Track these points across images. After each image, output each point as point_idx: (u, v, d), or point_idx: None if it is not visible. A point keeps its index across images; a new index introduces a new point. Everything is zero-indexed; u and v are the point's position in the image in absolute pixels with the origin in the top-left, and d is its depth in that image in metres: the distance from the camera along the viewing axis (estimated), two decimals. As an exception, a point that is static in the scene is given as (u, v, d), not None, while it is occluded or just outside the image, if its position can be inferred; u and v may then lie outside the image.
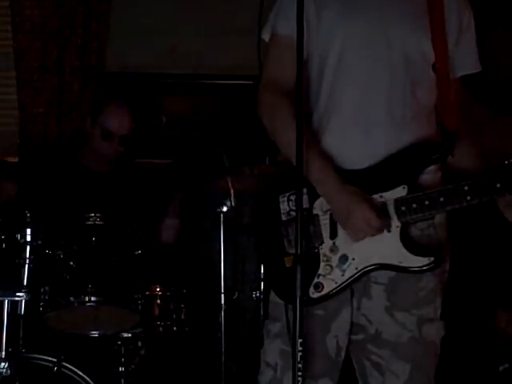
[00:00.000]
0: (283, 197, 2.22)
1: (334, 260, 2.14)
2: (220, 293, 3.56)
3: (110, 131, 3.65)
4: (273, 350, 2.21)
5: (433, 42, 2.17)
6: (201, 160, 4.04)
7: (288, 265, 2.18)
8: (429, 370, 2.19)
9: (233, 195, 3.54)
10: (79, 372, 2.99)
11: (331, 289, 2.14)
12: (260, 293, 3.76)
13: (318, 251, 2.16)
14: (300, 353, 1.95)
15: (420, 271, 2.10)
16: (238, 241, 4.20)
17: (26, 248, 2.98)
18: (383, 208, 2.11)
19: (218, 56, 4.33)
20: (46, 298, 3.12)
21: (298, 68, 2.05)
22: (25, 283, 2.97)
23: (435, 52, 2.18)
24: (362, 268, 2.12)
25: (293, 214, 2.17)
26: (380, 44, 2.17)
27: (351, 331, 2.20)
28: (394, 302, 2.16)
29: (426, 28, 2.17)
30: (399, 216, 2.10)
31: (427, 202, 2.07)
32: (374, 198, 2.12)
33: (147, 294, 3.36)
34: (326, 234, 2.16)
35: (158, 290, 3.43)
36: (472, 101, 4.25)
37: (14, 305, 2.94)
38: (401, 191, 2.11)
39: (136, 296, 3.21)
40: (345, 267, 2.13)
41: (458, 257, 2.34)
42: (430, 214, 2.10)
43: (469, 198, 2.04)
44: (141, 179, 3.80)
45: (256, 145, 3.93)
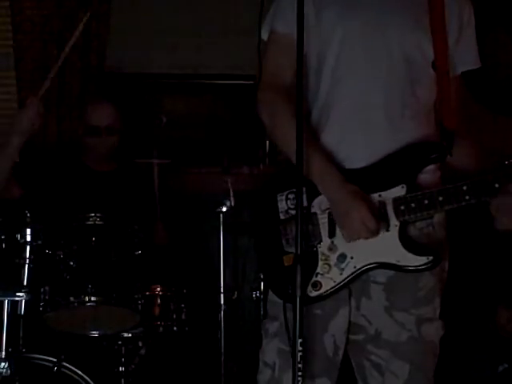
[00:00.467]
0: (281, 195, 2.21)
1: (333, 259, 2.14)
2: (220, 293, 3.56)
3: (93, 125, 3.68)
4: (271, 350, 2.21)
5: (433, 41, 2.17)
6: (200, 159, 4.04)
7: (286, 263, 2.17)
8: (428, 370, 2.19)
9: (232, 195, 3.54)
10: (79, 372, 3.00)
11: (329, 287, 2.14)
12: (260, 293, 3.77)
13: (317, 250, 2.15)
14: (300, 353, 1.94)
15: (418, 270, 2.09)
16: (238, 241, 4.20)
17: (26, 248, 2.99)
18: (382, 208, 2.11)
19: (217, 56, 4.34)
20: (46, 297, 3.13)
21: (297, 68, 2.04)
22: (25, 283, 2.98)
23: (435, 50, 2.17)
24: (361, 267, 2.12)
25: (291, 212, 2.17)
26: (379, 44, 2.16)
27: (349, 331, 2.20)
28: (393, 301, 2.16)
29: (426, 26, 2.17)
30: (398, 215, 2.09)
31: (426, 202, 2.07)
32: (372, 198, 2.11)
33: (147, 294, 3.36)
34: (324, 232, 2.15)
35: (159, 290, 3.43)
36: (472, 100, 4.26)
37: (14, 305, 2.94)
38: (400, 190, 2.10)
39: (136, 296, 3.21)
40: (343, 266, 2.13)
41: (457, 256, 2.33)
42: (428, 214, 2.09)
43: (467, 198, 2.04)
44: (141, 179, 3.80)
45: (256, 145, 3.93)
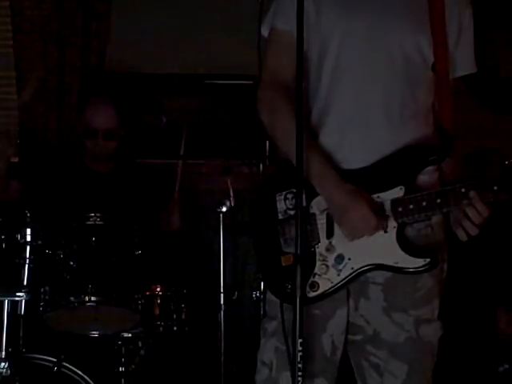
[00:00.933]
0: (280, 195, 2.21)
1: (330, 259, 2.14)
2: (220, 293, 3.56)
3: (93, 128, 3.66)
4: (268, 349, 2.21)
5: (433, 43, 2.17)
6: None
7: (284, 263, 2.17)
8: (426, 371, 2.19)
9: (232, 195, 3.54)
10: (79, 372, 3.01)
11: (327, 288, 2.14)
12: (260, 293, 3.77)
13: (315, 250, 2.15)
14: (300, 353, 1.95)
15: (416, 272, 2.09)
16: (238, 241, 4.20)
17: (26, 248, 2.99)
18: (381, 207, 2.11)
19: (218, 56, 4.34)
20: (46, 297, 3.13)
21: (297, 68, 2.04)
22: (25, 283, 2.98)
23: (435, 52, 2.17)
24: (358, 268, 2.12)
25: (289, 212, 2.17)
26: (379, 45, 2.16)
27: (348, 331, 2.20)
28: (392, 302, 2.16)
29: (427, 28, 2.17)
30: (396, 217, 2.09)
31: (424, 203, 2.07)
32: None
33: (147, 293, 3.36)
34: (322, 233, 2.15)
35: (159, 289, 3.43)
36: (472, 101, 4.26)
37: (14, 305, 2.95)
38: (398, 192, 2.10)
39: (136, 296, 3.22)
40: (341, 267, 2.13)
41: (457, 257, 2.34)
42: (426, 216, 2.09)
43: (466, 202, 2.04)
44: (142, 179, 3.80)
45: (256, 145, 3.93)
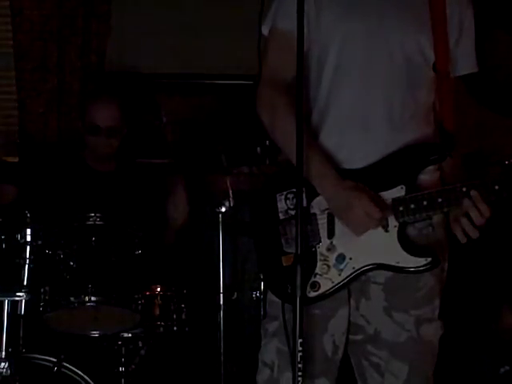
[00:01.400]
0: (281, 195, 2.21)
1: (331, 259, 2.14)
2: (219, 293, 3.56)
3: (94, 124, 3.66)
4: (270, 349, 2.21)
5: (434, 42, 2.17)
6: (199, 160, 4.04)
7: (285, 264, 2.17)
8: (427, 371, 2.19)
9: (231, 195, 3.54)
10: (79, 372, 3.00)
11: (328, 288, 2.14)
12: (260, 293, 3.77)
13: (316, 250, 2.16)
14: (300, 353, 1.94)
15: (417, 272, 2.09)
16: (238, 241, 4.20)
17: (26, 248, 2.99)
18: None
19: (218, 56, 4.33)
20: (46, 298, 3.13)
21: (297, 67, 2.04)
22: (25, 283, 2.98)
23: (436, 52, 2.17)
24: (359, 268, 2.12)
25: (290, 212, 2.17)
26: (379, 45, 2.16)
27: (349, 331, 2.20)
28: (392, 302, 2.16)
29: (427, 28, 2.17)
30: (397, 216, 2.09)
31: (425, 203, 2.07)
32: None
33: (147, 293, 3.36)
34: (323, 233, 2.15)
35: (159, 290, 3.42)
36: (472, 101, 4.26)
37: (14, 305, 2.95)
38: (399, 191, 2.10)
39: (136, 296, 3.21)
40: (342, 267, 2.13)
41: (459, 256, 2.33)
42: (427, 215, 2.09)
43: (467, 202, 2.04)
44: (143, 179, 3.80)
45: (256, 145, 3.93)
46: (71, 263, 3.13)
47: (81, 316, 3.18)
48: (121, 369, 3.35)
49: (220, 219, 3.60)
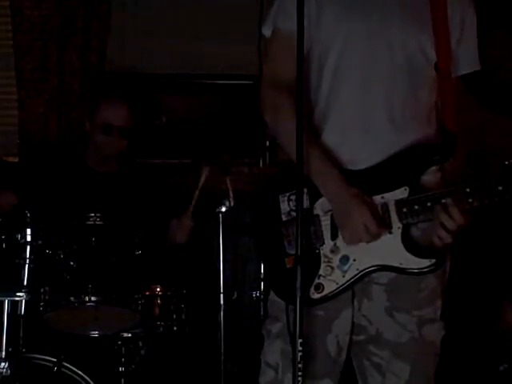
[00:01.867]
0: (283, 196, 2.21)
1: (335, 261, 2.14)
2: (220, 293, 3.56)
3: (108, 123, 3.65)
4: (273, 351, 2.21)
5: (435, 42, 2.16)
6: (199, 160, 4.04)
7: (289, 265, 2.17)
8: (429, 371, 2.19)
9: (232, 195, 3.53)
10: (79, 372, 3.00)
11: (332, 290, 2.14)
12: (260, 293, 3.77)
13: (319, 252, 2.15)
14: (300, 353, 1.94)
15: (421, 273, 2.09)
16: (238, 241, 4.20)
17: (26, 248, 2.99)
18: (384, 210, 2.10)
19: (218, 56, 4.33)
20: (46, 298, 3.13)
21: (298, 68, 2.04)
22: (25, 283, 2.98)
23: (438, 52, 2.17)
24: (363, 269, 2.12)
25: (293, 214, 2.15)
26: (381, 45, 2.16)
27: (352, 331, 2.20)
28: (395, 302, 2.16)
29: (429, 27, 2.16)
30: (400, 217, 2.09)
31: (429, 204, 2.06)
32: (375, 200, 2.11)
33: (147, 294, 3.36)
34: (327, 234, 2.15)
35: (159, 290, 3.42)
36: (472, 101, 4.26)
37: (14, 305, 2.95)
38: (402, 192, 2.10)
39: (136, 296, 3.22)
40: (346, 268, 2.13)
41: (460, 254, 2.33)
42: (431, 216, 2.09)
43: (470, 201, 2.03)
44: (144, 180, 3.80)
45: (256, 144, 3.93)
46: (71, 263, 3.13)
47: (81, 316, 3.18)
48: (121, 369, 3.35)
49: (220, 219, 3.60)
